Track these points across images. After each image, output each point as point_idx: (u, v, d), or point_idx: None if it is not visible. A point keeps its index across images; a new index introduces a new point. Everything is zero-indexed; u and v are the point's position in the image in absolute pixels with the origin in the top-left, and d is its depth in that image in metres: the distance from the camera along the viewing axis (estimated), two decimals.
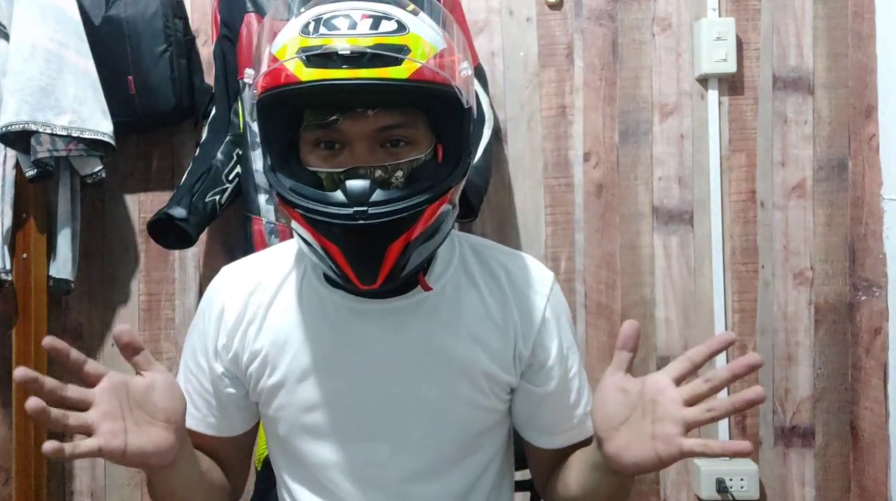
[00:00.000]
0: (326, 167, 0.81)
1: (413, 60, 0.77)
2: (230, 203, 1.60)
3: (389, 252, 0.78)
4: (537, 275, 0.97)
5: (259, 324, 0.92)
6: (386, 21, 0.78)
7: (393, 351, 0.90)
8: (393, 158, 0.81)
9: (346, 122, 0.79)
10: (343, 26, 0.77)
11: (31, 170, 1.51)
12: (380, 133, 0.80)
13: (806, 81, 1.70)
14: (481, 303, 0.92)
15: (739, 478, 1.64)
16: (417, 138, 0.83)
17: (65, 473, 1.76)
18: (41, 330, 1.65)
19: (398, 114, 0.80)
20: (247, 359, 0.92)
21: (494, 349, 0.91)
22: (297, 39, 0.78)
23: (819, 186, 1.70)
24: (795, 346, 1.70)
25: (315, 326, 0.90)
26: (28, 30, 1.48)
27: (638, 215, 1.72)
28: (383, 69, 0.75)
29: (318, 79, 0.75)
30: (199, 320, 0.96)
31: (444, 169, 0.84)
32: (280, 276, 0.94)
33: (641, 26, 1.72)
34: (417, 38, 0.78)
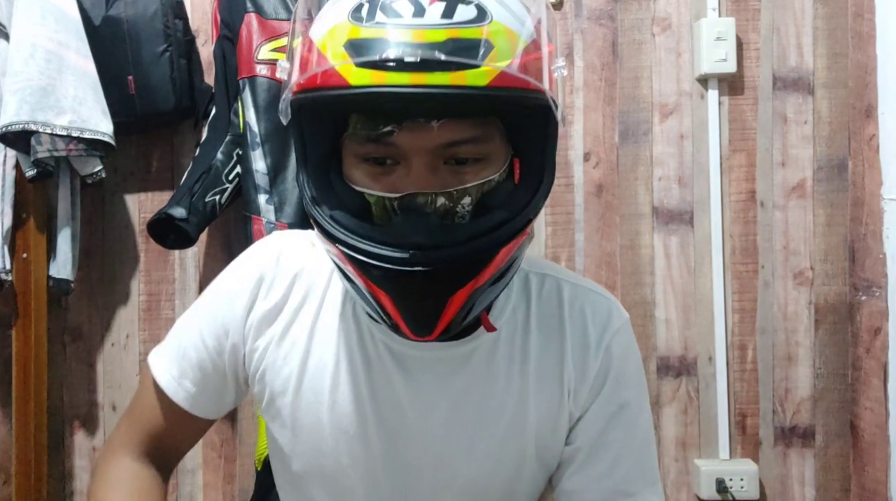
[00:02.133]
0: (377, 189, 0.66)
1: (493, 66, 0.60)
2: (230, 203, 1.60)
3: (451, 302, 0.65)
4: (602, 314, 0.80)
5: (294, 335, 0.79)
6: (462, 6, 0.62)
7: (431, 413, 0.76)
8: (460, 180, 0.66)
9: (402, 135, 0.64)
10: (406, 12, 0.61)
11: (31, 170, 1.51)
12: (445, 149, 0.65)
13: (806, 81, 1.70)
14: (539, 351, 0.78)
15: (739, 478, 1.64)
16: (491, 154, 0.67)
17: (65, 473, 1.76)
18: (41, 330, 1.65)
19: (470, 125, 0.65)
20: (266, 365, 0.79)
21: (546, 411, 0.78)
22: (345, 27, 0.62)
23: (819, 186, 1.70)
24: (795, 346, 1.70)
25: (352, 363, 0.77)
26: (28, 30, 1.48)
27: (638, 215, 1.72)
28: (457, 73, 0.59)
29: (370, 84, 0.60)
30: (233, 281, 0.82)
31: (523, 192, 0.68)
32: (322, 285, 0.80)
33: (641, 26, 1.72)
34: (501, 29, 0.62)
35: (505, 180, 0.69)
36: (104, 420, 1.76)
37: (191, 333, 0.83)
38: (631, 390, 0.81)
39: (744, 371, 1.71)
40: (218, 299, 0.82)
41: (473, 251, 0.64)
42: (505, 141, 0.69)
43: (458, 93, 0.60)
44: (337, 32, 0.62)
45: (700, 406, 1.70)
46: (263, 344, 0.79)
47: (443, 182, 0.65)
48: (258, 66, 1.53)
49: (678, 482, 1.71)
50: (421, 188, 0.64)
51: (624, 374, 0.80)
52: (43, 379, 1.67)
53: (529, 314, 0.80)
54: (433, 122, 0.63)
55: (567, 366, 0.78)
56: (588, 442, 0.79)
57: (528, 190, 0.68)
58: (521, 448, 0.78)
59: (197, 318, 0.83)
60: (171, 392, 0.82)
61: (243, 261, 0.83)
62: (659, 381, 1.71)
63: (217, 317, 0.81)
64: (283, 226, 1.51)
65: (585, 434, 0.79)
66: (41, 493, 1.65)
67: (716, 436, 1.69)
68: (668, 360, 1.71)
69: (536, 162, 0.69)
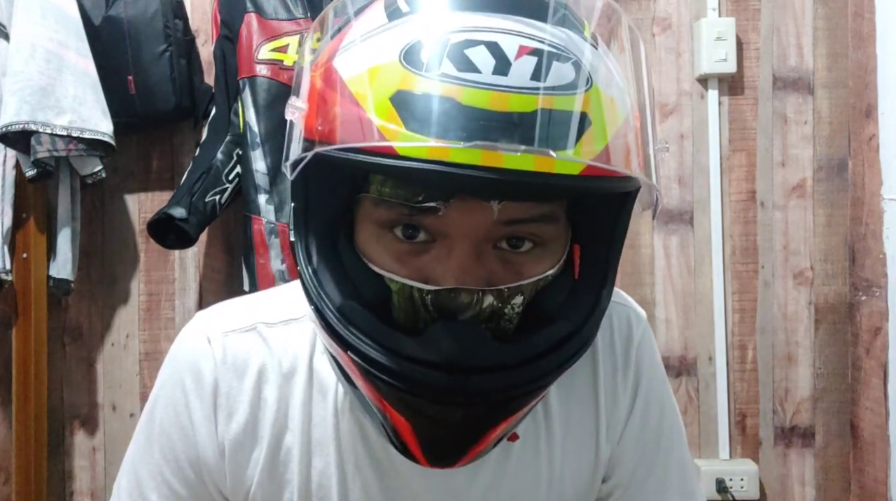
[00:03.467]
0: (403, 274, 0.50)
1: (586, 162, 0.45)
2: (230, 203, 1.60)
3: (487, 436, 0.51)
4: (623, 328, 0.68)
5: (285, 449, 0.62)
6: (559, 63, 0.46)
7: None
8: (511, 272, 0.51)
9: (451, 212, 0.48)
10: (485, 66, 0.45)
11: (31, 170, 1.51)
12: (501, 227, 0.50)
13: (806, 81, 1.70)
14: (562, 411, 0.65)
15: (739, 478, 1.64)
16: (552, 239, 0.52)
17: (65, 473, 1.76)
18: (41, 330, 1.65)
19: (534, 204, 0.50)
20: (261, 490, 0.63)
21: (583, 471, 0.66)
22: (395, 71, 0.46)
23: (819, 186, 1.70)
24: (795, 346, 1.70)
25: (360, 469, 0.62)
26: (28, 30, 1.48)
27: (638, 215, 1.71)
28: (540, 155, 0.44)
29: (427, 158, 0.44)
30: (174, 405, 0.64)
31: (585, 292, 0.53)
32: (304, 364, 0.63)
33: (641, 26, 1.72)
34: (600, 98, 0.47)
35: (563, 274, 0.54)
36: (104, 420, 1.76)
37: (152, 484, 0.65)
38: (663, 400, 0.70)
39: (744, 371, 1.71)
40: (170, 433, 0.64)
41: (528, 379, 0.49)
42: (566, 223, 0.54)
43: (542, 183, 0.45)
44: (382, 77, 0.46)
45: (700, 406, 1.70)
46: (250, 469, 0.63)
47: (491, 274, 0.50)
48: (258, 66, 1.53)
49: None
50: (465, 281, 0.49)
51: (653, 390, 0.69)
52: (43, 379, 1.66)
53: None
54: (493, 203, 0.48)
55: (599, 406, 0.65)
56: (626, 475, 0.67)
57: (591, 289, 0.54)
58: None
59: (153, 464, 0.65)
60: None
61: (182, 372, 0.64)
62: None
63: (179, 457, 0.64)
64: (284, 227, 1.51)
65: (622, 466, 0.67)
66: (41, 493, 1.65)
67: (716, 436, 1.69)
68: (668, 360, 1.71)
69: (603, 254, 0.55)
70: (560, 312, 0.52)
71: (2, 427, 1.74)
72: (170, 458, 0.64)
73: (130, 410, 1.74)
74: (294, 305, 0.64)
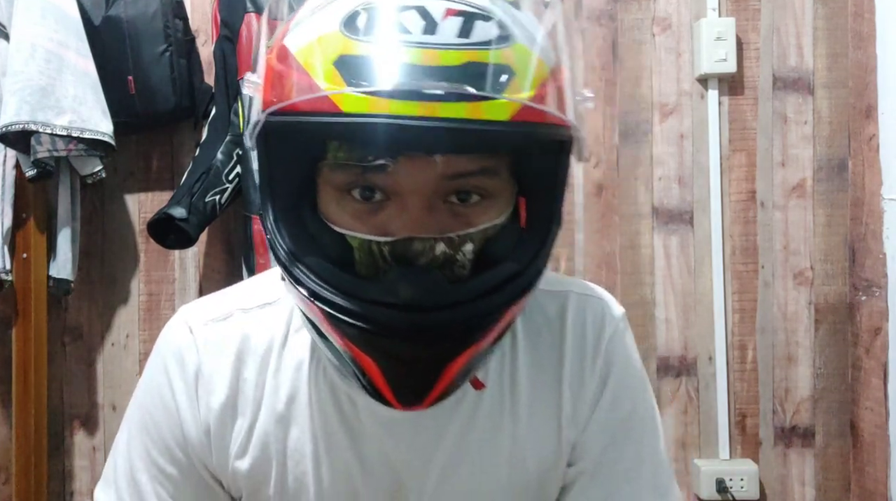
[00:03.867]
0: (362, 230, 0.55)
1: (514, 100, 0.50)
2: (230, 203, 1.60)
3: (448, 370, 0.55)
4: (595, 321, 0.71)
5: (262, 422, 0.68)
6: (482, 22, 0.52)
7: (426, 474, 0.69)
8: (462, 223, 0.56)
9: (399, 170, 0.53)
10: (415, 27, 0.50)
11: (31, 170, 1.51)
12: (447, 182, 0.55)
13: (806, 81, 1.70)
14: (530, 380, 0.70)
15: (739, 478, 1.64)
16: (498, 191, 0.57)
17: (65, 473, 1.76)
18: (41, 330, 1.65)
19: (478, 156, 0.55)
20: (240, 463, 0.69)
21: (545, 445, 0.70)
22: (336, 39, 0.51)
23: (819, 186, 1.70)
24: (795, 346, 1.70)
25: (333, 437, 0.67)
26: (28, 30, 1.48)
27: (638, 215, 1.72)
28: (473, 105, 0.49)
29: (367, 112, 0.48)
30: (158, 388, 0.69)
31: (531, 239, 0.59)
32: (279, 344, 0.68)
33: (641, 26, 1.72)
34: (525, 53, 0.52)
35: (509, 224, 0.59)
36: (104, 420, 1.76)
37: (156, 480, 0.69)
38: (635, 395, 0.72)
39: (744, 371, 1.71)
40: (156, 415, 0.69)
41: (479, 312, 0.54)
42: (511, 177, 0.58)
43: (475, 129, 0.49)
44: (324, 45, 0.51)
45: (700, 406, 1.70)
46: (232, 444, 0.68)
47: (442, 224, 0.55)
48: None
49: (678, 482, 1.69)
50: (417, 232, 0.54)
51: (625, 379, 0.72)
52: (43, 379, 1.67)
53: (516, 345, 0.70)
54: (437, 156, 0.53)
55: (563, 390, 0.70)
56: (592, 461, 0.71)
57: (537, 236, 0.58)
58: (523, 488, 0.71)
59: (142, 447, 0.70)
60: None
61: (166, 359, 0.70)
62: (659, 381, 1.71)
63: (165, 438, 0.69)
64: None
65: (588, 454, 0.71)
66: (41, 493, 1.65)
67: (716, 436, 1.69)
68: (668, 360, 1.71)
69: (547, 203, 0.59)
70: (508, 257, 0.57)
71: (2, 427, 1.74)
72: (157, 439, 0.69)
73: None
74: (268, 290, 0.70)
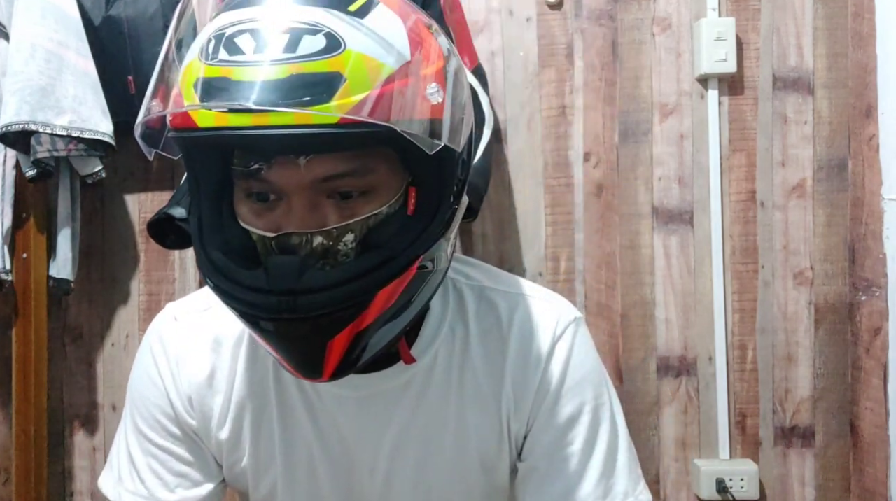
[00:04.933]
0: (258, 225, 0.63)
1: (326, 112, 0.54)
2: None
3: (331, 347, 0.62)
4: (543, 322, 0.77)
5: (237, 400, 0.77)
6: (310, 36, 0.56)
7: (377, 449, 0.76)
8: (342, 216, 0.62)
9: (273, 172, 0.61)
10: (248, 48, 0.56)
11: (31, 170, 1.51)
12: (322, 183, 0.61)
13: (806, 81, 1.70)
14: (477, 370, 0.76)
15: (739, 478, 1.64)
16: (377, 185, 0.63)
17: (65, 473, 1.76)
18: (41, 330, 1.65)
19: (345, 157, 0.60)
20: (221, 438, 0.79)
21: (487, 432, 0.76)
22: (196, 65, 0.59)
23: (819, 186, 1.70)
24: (795, 346, 1.70)
25: (295, 411, 0.77)
26: (28, 30, 1.48)
27: (638, 215, 1.72)
28: (301, 112, 0.54)
29: (214, 126, 0.57)
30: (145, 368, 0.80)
31: (415, 225, 0.63)
32: (248, 335, 0.78)
33: (641, 26, 1.72)
34: (356, 57, 0.56)
35: (397, 212, 0.64)
36: (104, 420, 1.76)
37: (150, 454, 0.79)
38: (585, 397, 0.76)
39: (744, 371, 1.71)
40: (144, 391, 0.80)
41: (345, 296, 0.59)
42: (397, 169, 0.63)
43: (305, 132, 0.55)
44: (190, 71, 0.59)
45: (700, 406, 1.70)
46: (210, 413, 0.78)
47: (323, 219, 0.61)
48: None
49: (678, 482, 1.71)
50: (299, 227, 0.61)
51: (572, 382, 0.76)
52: (43, 379, 1.67)
53: (468, 333, 0.76)
54: (300, 159, 0.59)
55: (505, 385, 0.75)
56: (542, 460, 0.76)
57: (421, 221, 0.63)
58: (467, 473, 0.77)
59: (140, 441, 0.80)
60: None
61: (152, 344, 0.81)
62: (659, 381, 1.71)
63: (154, 412, 0.79)
64: None
65: (537, 450, 0.76)
66: (41, 493, 1.65)
67: (716, 436, 1.69)
68: (668, 360, 1.71)
69: (433, 190, 0.64)
70: (389, 243, 0.62)
71: (2, 427, 1.74)
72: (147, 415, 0.79)
73: None
74: None
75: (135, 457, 0.79)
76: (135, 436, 0.80)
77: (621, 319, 1.70)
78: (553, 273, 1.71)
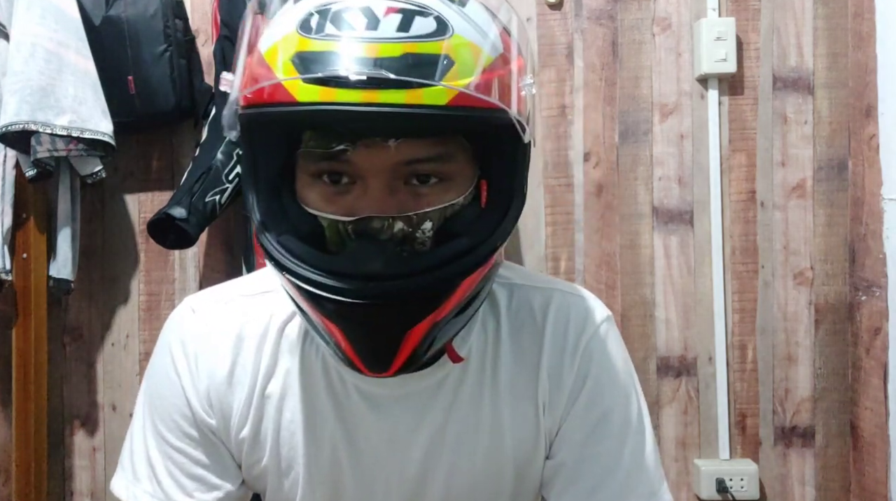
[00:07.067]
0: (330, 210, 0.61)
1: (450, 87, 0.55)
2: (230, 203, 1.60)
3: (409, 337, 0.60)
4: (578, 316, 0.75)
5: (258, 397, 0.74)
6: (421, 18, 0.57)
7: (408, 451, 0.73)
8: (420, 203, 0.61)
9: (357, 154, 0.59)
10: (359, 24, 0.56)
11: (31, 170, 1.51)
12: (404, 167, 0.60)
13: (806, 81, 1.70)
14: (511, 367, 0.74)
15: (739, 478, 1.64)
16: (454, 174, 0.63)
17: (65, 473, 1.76)
18: (41, 330, 1.65)
19: (431, 143, 0.60)
20: (239, 435, 0.75)
21: (523, 430, 0.74)
22: (293, 39, 0.58)
23: (819, 186, 1.70)
24: (795, 346, 1.70)
25: (323, 413, 0.73)
26: (28, 30, 1.48)
27: (638, 215, 1.72)
28: (412, 92, 0.54)
29: (318, 101, 0.55)
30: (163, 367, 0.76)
31: (490, 217, 0.63)
32: (276, 328, 0.74)
33: (641, 26, 1.72)
34: (462, 43, 0.57)
35: (470, 204, 0.64)
36: (104, 420, 1.76)
37: (166, 455, 0.75)
38: (616, 395, 0.75)
39: (744, 371, 1.71)
40: (161, 389, 0.76)
41: (432, 283, 0.58)
42: (471, 161, 0.64)
43: (413, 112, 0.55)
44: (285, 44, 0.57)
45: (700, 406, 1.70)
46: (230, 412, 0.74)
47: (401, 205, 0.60)
48: None
49: (678, 482, 1.71)
50: (377, 211, 0.59)
51: (606, 378, 0.74)
52: (43, 379, 1.67)
53: (500, 329, 0.74)
54: (390, 141, 0.58)
55: (541, 378, 0.73)
56: (571, 456, 0.74)
57: (496, 215, 0.63)
58: (499, 474, 0.74)
59: (157, 438, 0.76)
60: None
61: (170, 338, 0.77)
62: (659, 381, 1.71)
63: (171, 411, 0.75)
64: None
65: (567, 446, 0.74)
66: (41, 493, 1.66)
67: (716, 436, 1.69)
68: (668, 360, 1.71)
69: (505, 184, 0.64)
70: (466, 234, 0.62)
71: (2, 427, 1.74)
72: (165, 416, 0.75)
73: (130, 410, 1.74)
74: (269, 280, 0.76)
75: (152, 457, 0.76)
76: (152, 436, 0.76)
77: (621, 319, 1.70)
78: (553, 273, 1.71)
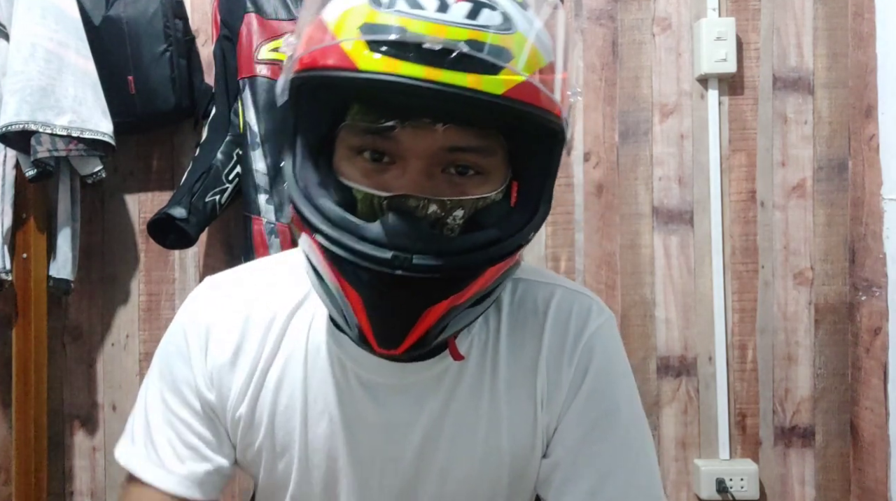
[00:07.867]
0: (367, 185, 0.62)
1: (514, 71, 0.57)
2: (230, 203, 1.60)
3: (427, 315, 0.61)
4: (580, 313, 0.76)
5: (259, 377, 0.75)
6: (489, 11, 0.59)
7: (405, 442, 0.73)
8: (456, 191, 0.62)
9: (404, 132, 0.60)
10: (430, 5, 0.58)
11: (31, 170, 1.51)
12: (446, 153, 0.62)
13: (806, 81, 1.70)
14: (510, 361, 0.74)
15: (739, 478, 1.64)
16: (492, 169, 0.64)
17: (65, 473, 1.76)
18: (41, 330, 1.65)
19: (475, 134, 0.62)
20: (236, 413, 0.76)
21: (520, 426, 0.74)
22: (363, 10, 0.59)
23: (819, 186, 1.70)
24: (795, 346, 1.70)
25: (322, 398, 0.74)
26: (28, 30, 1.48)
27: (638, 215, 1.72)
28: (473, 76, 0.56)
29: (381, 71, 0.56)
30: (175, 338, 0.78)
31: (517, 217, 0.64)
32: (284, 314, 0.76)
33: (641, 26, 1.72)
34: (524, 42, 0.60)
35: (501, 201, 0.66)
36: (104, 420, 1.76)
37: (170, 423, 0.77)
38: (616, 395, 0.74)
39: (744, 371, 1.71)
40: (172, 362, 0.78)
41: (461, 264, 0.60)
42: (506, 161, 0.65)
43: (471, 96, 0.56)
44: (353, 15, 0.59)
45: (700, 406, 1.70)
46: (228, 392, 0.76)
47: (438, 189, 0.62)
48: (258, 66, 1.53)
49: (678, 482, 1.71)
50: (415, 191, 0.61)
51: (605, 378, 0.74)
52: (43, 379, 1.67)
53: (500, 323, 0.75)
54: (438, 125, 0.60)
55: (540, 373, 0.73)
56: (569, 455, 0.73)
57: (523, 216, 0.64)
58: (495, 468, 0.74)
59: (163, 406, 0.78)
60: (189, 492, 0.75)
61: (184, 317, 0.79)
62: (659, 381, 1.71)
63: (178, 382, 0.77)
64: (284, 227, 1.51)
65: (564, 444, 0.73)
66: (41, 493, 1.65)
67: (716, 436, 1.69)
68: (668, 360, 1.71)
69: (535, 187, 0.65)
70: (494, 227, 0.63)
71: (2, 427, 1.74)
72: (170, 383, 0.77)
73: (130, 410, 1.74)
74: (284, 267, 0.79)
75: (151, 422, 0.78)
76: (155, 401, 0.78)
77: (621, 319, 1.70)
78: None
